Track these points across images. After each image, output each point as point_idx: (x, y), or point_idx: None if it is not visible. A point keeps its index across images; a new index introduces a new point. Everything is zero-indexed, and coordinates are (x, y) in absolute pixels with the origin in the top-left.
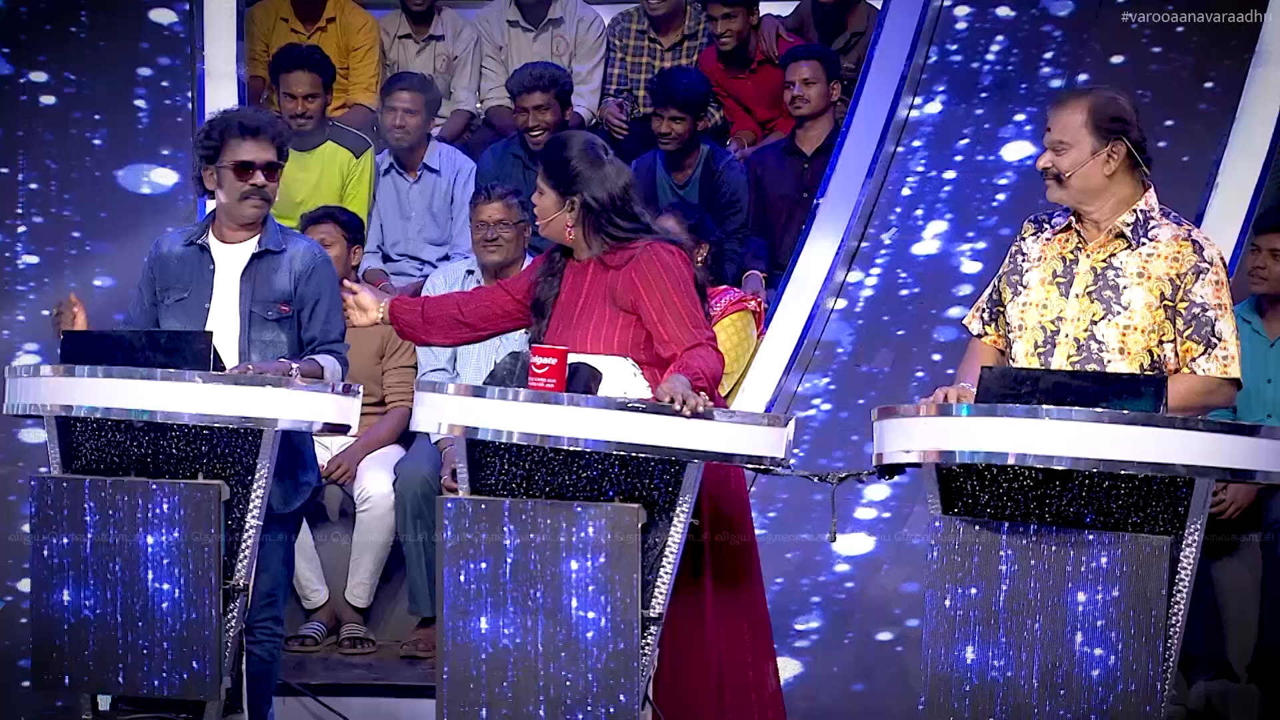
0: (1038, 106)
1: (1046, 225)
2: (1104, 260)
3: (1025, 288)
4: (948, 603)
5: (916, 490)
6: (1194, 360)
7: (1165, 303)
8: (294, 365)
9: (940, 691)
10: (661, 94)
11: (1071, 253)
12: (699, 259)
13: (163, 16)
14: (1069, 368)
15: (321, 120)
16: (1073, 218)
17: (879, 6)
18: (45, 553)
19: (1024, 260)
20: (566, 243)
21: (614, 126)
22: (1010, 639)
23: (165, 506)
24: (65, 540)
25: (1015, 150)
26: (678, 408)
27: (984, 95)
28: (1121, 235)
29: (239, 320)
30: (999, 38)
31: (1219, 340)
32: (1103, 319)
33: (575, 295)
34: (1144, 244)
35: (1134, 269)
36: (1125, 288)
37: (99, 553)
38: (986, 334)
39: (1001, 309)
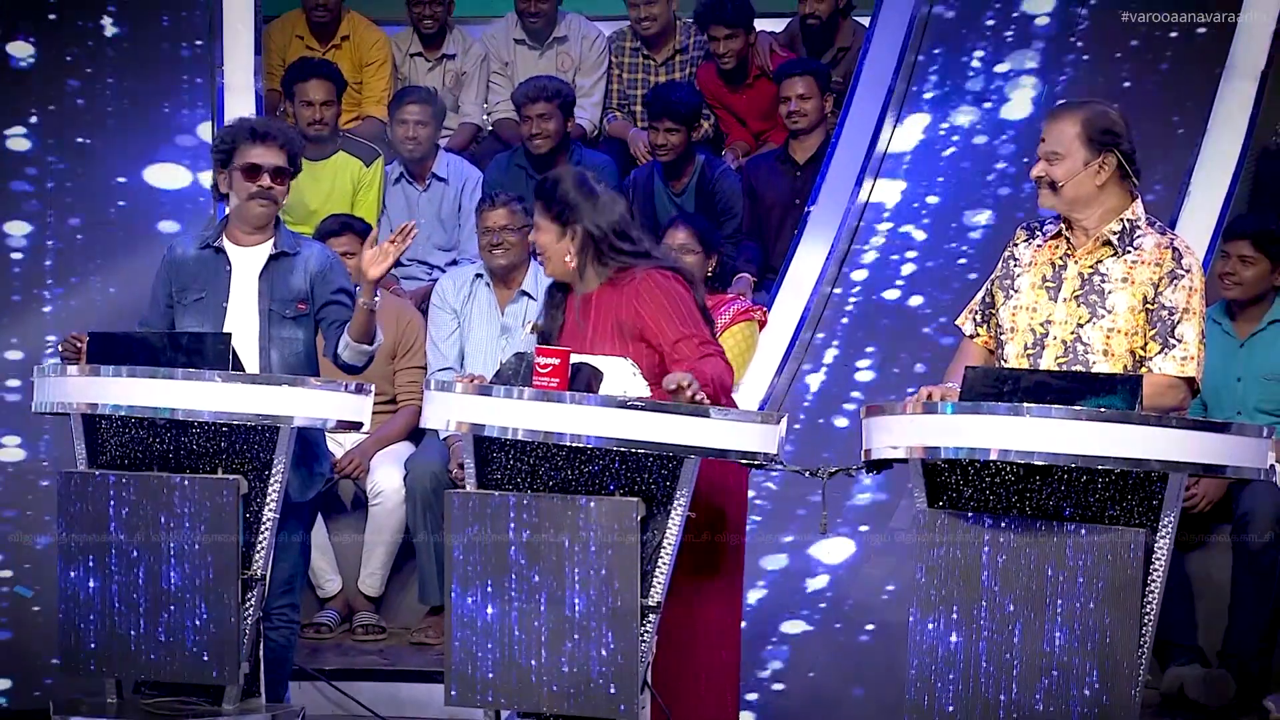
0: (1019, 113)
1: (1038, 232)
2: (1091, 266)
3: (1016, 291)
4: (932, 593)
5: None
6: (1150, 359)
7: (1147, 305)
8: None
9: (925, 679)
10: (657, 107)
11: (1061, 259)
12: (709, 270)
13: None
14: (1057, 368)
15: (335, 130)
16: (1063, 225)
17: (865, 23)
18: (72, 544)
19: (1016, 265)
20: (567, 276)
21: (640, 154)
22: (992, 627)
23: (187, 500)
24: (91, 532)
25: (999, 156)
26: (683, 388)
27: (967, 104)
28: (1109, 243)
29: (257, 318)
30: (981, 46)
31: (1178, 341)
32: (1088, 322)
33: (583, 325)
34: (1129, 251)
35: (1119, 274)
36: (1110, 292)
37: (123, 544)
38: (978, 335)
39: (993, 311)
